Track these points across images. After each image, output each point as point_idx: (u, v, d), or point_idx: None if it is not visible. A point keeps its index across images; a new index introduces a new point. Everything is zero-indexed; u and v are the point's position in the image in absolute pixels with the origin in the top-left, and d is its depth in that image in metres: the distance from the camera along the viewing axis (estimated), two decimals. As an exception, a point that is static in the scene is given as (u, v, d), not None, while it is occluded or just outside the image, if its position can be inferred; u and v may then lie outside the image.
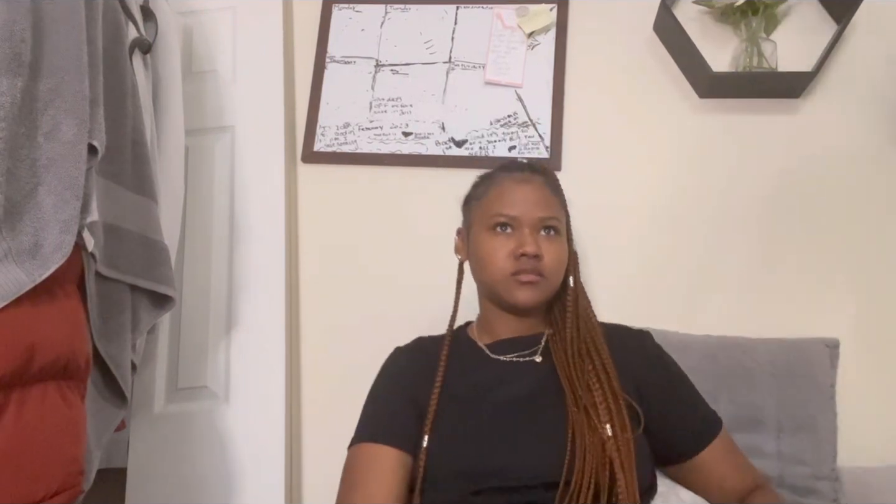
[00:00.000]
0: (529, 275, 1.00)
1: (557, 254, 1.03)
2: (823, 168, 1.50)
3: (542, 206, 1.03)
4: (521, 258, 1.00)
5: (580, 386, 0.94)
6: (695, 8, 1.60)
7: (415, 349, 1.12)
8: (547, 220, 1.03)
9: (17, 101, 0.82)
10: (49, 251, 0.84)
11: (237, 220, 1.52)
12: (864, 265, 1.45)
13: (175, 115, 1.37)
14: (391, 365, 1.11)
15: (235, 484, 1.36)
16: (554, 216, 1.04)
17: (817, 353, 1.31)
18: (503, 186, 1.07)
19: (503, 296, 1.03)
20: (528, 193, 1.04)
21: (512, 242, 1.02)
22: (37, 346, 0.81)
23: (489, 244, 1.04)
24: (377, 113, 1.65)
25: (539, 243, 1.01)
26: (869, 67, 1.53)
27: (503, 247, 1.02)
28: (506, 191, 1.06)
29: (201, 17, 1.63)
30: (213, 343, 1.45)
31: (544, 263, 1.01)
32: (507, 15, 1.67)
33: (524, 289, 1.01)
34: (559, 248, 1.04)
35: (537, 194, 1.05)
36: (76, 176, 0.88)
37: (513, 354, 1.03)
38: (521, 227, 1.02)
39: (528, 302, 1.01)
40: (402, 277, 1.56)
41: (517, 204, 1.03)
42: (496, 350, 1.05)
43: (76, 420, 0.89)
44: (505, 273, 1.01)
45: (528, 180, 1.07)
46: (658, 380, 1.02)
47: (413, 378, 1.04)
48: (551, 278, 1.02)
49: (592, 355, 0.98)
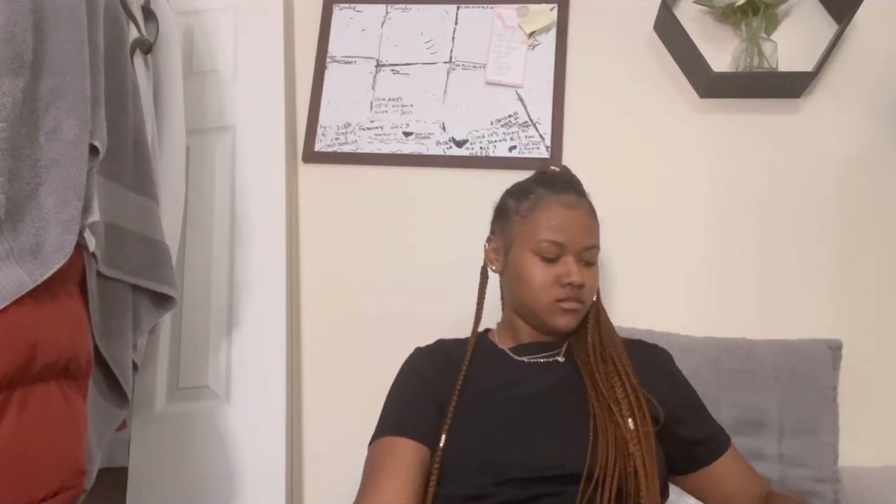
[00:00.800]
0: (572, 302, 1.03)
1: (594, 281, 1.07)
2: (824, 168, 1.50)
3: (587, 235, 1.06)
4: (567, 287, 1.02)
5: (602, 382, 0.96)
6: (695, 8, 1.60)
7: (436, 349, 1.13)
8: (590, 249, 1.06)
9: (19, 101, 0.82)
10: (50, 251, 0.84)
11: (238, 219, 1.52)
12: (866, 266, 1.45)
13: (176, 114, 1.37)
14: (413, 362, 1.12)
15: (236, 483, 1.36)
16: (596, 245, 1.07)
17: (820, 354, 1.31)
18: (552, 211, 1.06)
19: (544, 319, 1.05)
20: (576, 220, 1.05)
21: (557, 269, 1.03)
22: (38, 345, 0.81)
23: (534, 269, 1.04)
24: (378, 113, 1.65)
25: (582, 272, 1.03)
26: (869, 67, 1.53)
27: (549, 273, 1.03)
28: (556, 214, 1.05)
29: (202, 17, 1.63)
30: (214, 343, 1.45)
31: (585, 291, 1.04)
32: (507, 15, 1.67)
33: (566, 316, 1.03)
34: (595, 275, 1.07)
35: (584, 221, 1.06)
36: (77, 176, 0.88)
37: (535, 356, 1.06)
38: (566, 255, 1.04)
39: (568, 328, 1.04)
40: (403, 278, 1.56)
41: (566, 231, 1.04)
42: (518, 352, 1.07)
43: (77, 420, 0.89)
44: (549, 299, 1.03)
45: (575, 206, 1.07)
46: (674, 394, 1.03)
47: (435, 376, 1.05)
48: (587, 303, 1.06)
49: (614, 358, 1.00)
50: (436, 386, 1.03)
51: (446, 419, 0.97)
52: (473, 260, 1.30)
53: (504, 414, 0.97)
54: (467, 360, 1.05)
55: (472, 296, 1.17)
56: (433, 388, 1.03)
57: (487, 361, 1.07)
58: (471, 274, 1.44)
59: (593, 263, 1.07)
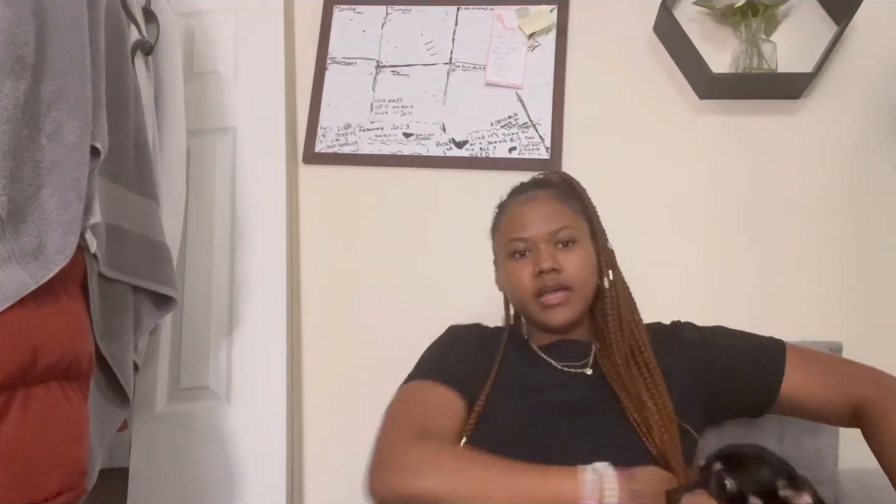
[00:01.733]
0: (555, 293, 1.00)
1: (578, 261, 1.02)
2: (824, 169, 1.50)
3: (550, 220, 1.03)
4: (541, 275, 1.00)
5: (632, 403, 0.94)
6: (695, 9, 1.61)
7: (475, 327, 1.12)
8: (558, 232, 1.02)
9: (21, 103, 0.83)
10: (52, 253, 0.84)
11: (238, 220, 1.52)
12: (867, 267, 1.45)
13: (177, 116, 1.37)
14: (456, 331, 1.10)
15: (237, 484, 1.36)
16: (565, 226, 1.03)
17: (820, 357, 1.31)
18: (511, 211, 1.08)
19: (537, 320, 1.04)
20: (534, 211, 1.05)
21: (530, 264, 1.02)
22: (40, 346, 0.82)
23: (511, 271, 1.04)
24: (378, 114, 1.66)
25: (556, 257, 1.00)
26: (869, 68, 1.53)
27: (523, 270, 1.02)
28: (514, 215, 1.07)
29: (203, 19, 1.63)
30: (215, 343, 1.45)
31: (566, 274, 1.00)
32: (507, 16, 1.67)
33: (554, 311, 1.01)
34: (580, 255, 1.02)
35: (543, 209, 1.05)
36: (79, 177, 0.88)
37: (564, 363, 1.02)
38: (535, 247, 1.02)
39: (563, 322, 1.01)
40: (403, 278, 1.56)
41: (526, 225, 1.04)
42: (547, 352, 1.05)
43: (79, 420, 0.89)
44: (530, 295, 1.02)
45: (532, 198, 1.07)
46: (706, 356, 1.02)
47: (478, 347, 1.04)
48: (578, 288, 1.01)
49: (641, 367, 0.97)
50: (474, 359, 1.01)
51: (479, 402, 0.95)
52: (474, 261, 1.30)
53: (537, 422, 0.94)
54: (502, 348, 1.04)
55: (471, 296, 1.18)
56: (474, 359, 1.02)
57: (520, 355, 1.05)
58: (471, 274, 1.44)
59: (573, 243, 1.02)
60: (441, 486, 0.80)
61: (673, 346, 1.04)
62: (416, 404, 0.95)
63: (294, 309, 1.55)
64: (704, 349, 1.04)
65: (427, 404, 0.94)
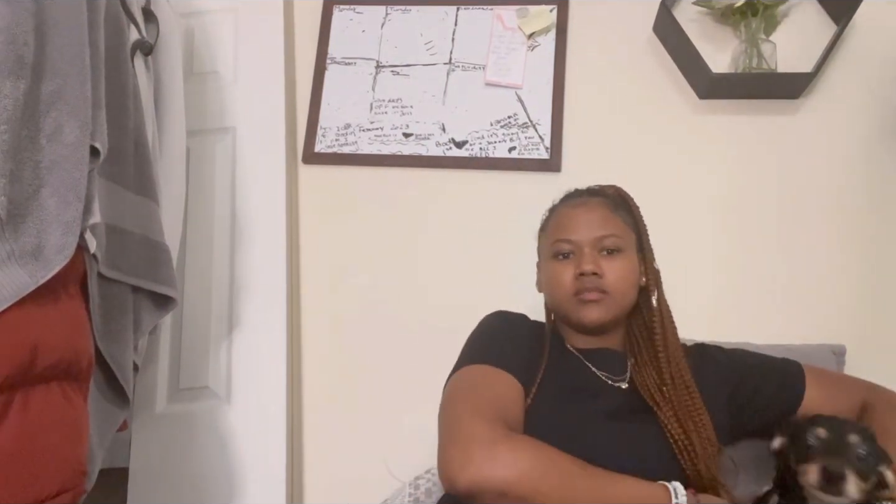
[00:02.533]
0: (591, 293, 1.01)
1: (621, 271, 1.03)
2: (823, 169, 1.50)
3: (598, 226, 1.04)
4: (581, 277, 1.01)
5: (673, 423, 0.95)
6: (694, 9, 1.61)
7: (525, 318, 1.11)
8: (605, 238, 1.04)
9: (20, 103, 0.83)
10: (52, 253, 0.84)
11: (238, 221, 1.52)
12: (868, 269, 1.44)
13: (176, 116, 1.37)
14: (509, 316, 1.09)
15: (237, 484, 1.36)
16: (612, 234, 1.04)
17: (823, 359, 1.30)
18: (560, 214, 1.10)
19: (571, 317, 1.04)
20: (584, 215, 1.06)
21: (573, 265, 1.03)
22: (40, 346, 0.82)
23: (553, 271, 1.06)
24: (378, 114, 1.66)
25: (598, 262, 1.02)
26: (868, 68, 1.53)
27: (565, 271, 1.03)
28: (563, 217, 1.09)
29: (203, 19, 1.63)
30: (215, 343, 1.45)
31: (606, 281, 1.01)
32: (507, 16, 1.68)
33: (588, 307, 1.01)
34: (623, 265, 1.04)
35: (593, 215, 1.06)
36: (79, 178, 0.88)
37: (603, 371, 1.03)
38: (580, 250, 1.03)
39: (595, 320, 1.02)
40: (403, 278, 1.56)
41: (574, 228, 1.05)
42: (586, 357, 1.05)
43: (79, 420, 0.89)
44: (569, 295, 1.03)
45: (583, 203, 1.09)
46: (734, 378, 1.05)
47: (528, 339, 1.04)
48: (616, 295, 1.02)
49: (680, 389, 0.98)
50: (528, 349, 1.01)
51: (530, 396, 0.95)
52: (474, 260, 1.31)
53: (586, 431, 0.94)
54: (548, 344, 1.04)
55: (472, 296, 1.18)
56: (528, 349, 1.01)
57: (561, 352, 1.05)
58: (471, 274, 1.44)
59: (618, 252, 1.04)
60: (534, 483, 0.79)
61: (704, 367, 1.06)
62: (488, 389, 0.92)
63: (294, 309, 1.55)
64: (731, 370, 1.06)
65: (498, 391, 0.92)
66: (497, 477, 0.78)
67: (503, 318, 1.09)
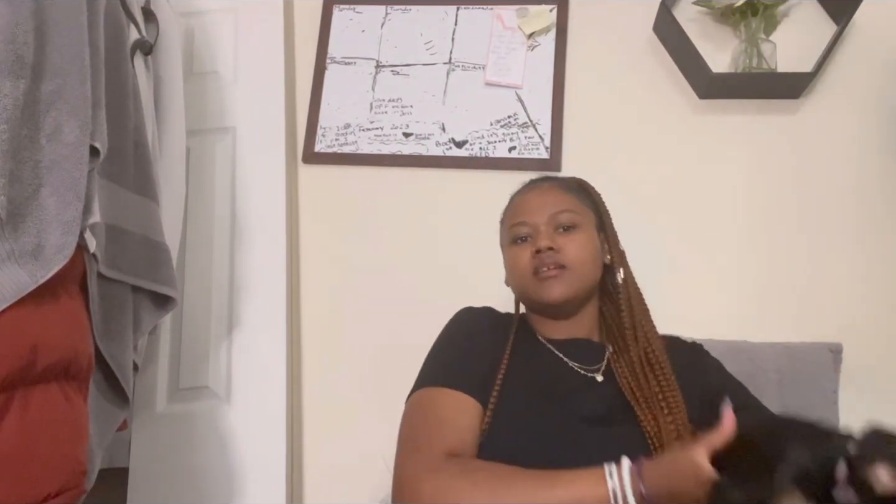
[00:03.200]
0: (548, 269, 0.99)
1: (579, 244, 1.01)
2: (823, 169, 1.50)
3: (551, 204, 1.04)
4: (538, 255, 1.00)
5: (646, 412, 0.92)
6: (694, 9, 1.61)
7: (487, 313, 1.10)
8: (560, 214, 1.03)
9: (20, 103, 0.83)
10: (51, 252, 0.84)
11: (238, 220, 1.52)
12: (866, 268, 1.45)
13: (176, 116, 1.37)
14: (467, 318, 1.08)
15: (237, 483, 1.36)
16: (566, 209, 1.03)
17: (821, 357, 1.31)
18: (514, 201, 1.11)
19: (533, 298, 1.02)
20: (537, 197, 1.07)
21: (531, 247, 1.02)
22: (39, 346, 0.82)
23: (512, 256, 1.05)
24: (378, 114, 1.66)
25: (555, 238, 1.01)
26: (868, 67, 1.53)
27: (524, 253, 1.03)
28: (517, 203, 1.09)
29: (202, 19, 1.63)
30: (215, 343, 1.45)
31: (564, 255, 0.99)
32: (507, 16, 1.67)
33: (548, 284, 0.99)
34: (580, 239, 1.02)
35: (546, 196, 1.06)
36: (78, 177, 0.88)
37: (576, 362, 1.00)
38: (537, 230, 1.03)
39: (557, 296, 0.99)
40: (403, 277, 1.56)
41: (528, 210, 1.05)
42: (558, 348, 1.03)
43: (79, 420, 0.89)
44: (528, 275, 1.01)
45: (536, 187, 1.10)
46: (717, 382, 1.01)
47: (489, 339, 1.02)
48: (575, 269, 1.00)
49: (655, 370, 0.95)
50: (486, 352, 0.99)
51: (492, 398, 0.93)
52: (474, 260, 1.31)
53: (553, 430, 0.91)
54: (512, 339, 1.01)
55: (472, 296, 1.17)
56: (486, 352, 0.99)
57: (530, 345, 1.03)
58: (471, 274, 1.44)
59: (574, 228, 1.02)
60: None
61: (692, 362, 1.03)
62: (433, 418, 0.91)
63: (294, 309, 1.55)
64: (716, 374, 1.04)
65: (444, 417, 0.91)
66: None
67: (465, 320, 1.07)
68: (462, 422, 0.90)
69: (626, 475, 0.79)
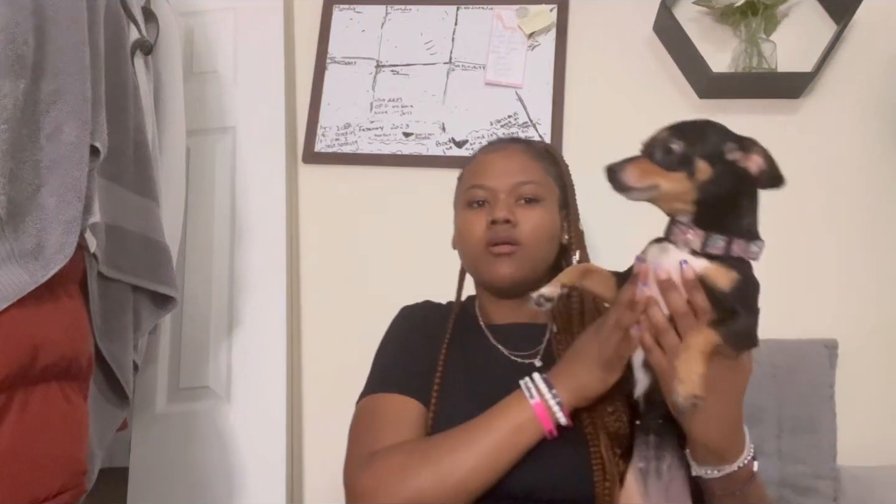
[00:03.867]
0: (502, 245, 0.93)
1: (537, 221, 0.95)
2: (823, 168, 1.50)
3: (517, 172, 0.97)
4: (493, 226, 0.94)
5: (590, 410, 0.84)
6: (694, 8, 1.61)
7: (425, 308, 1.07)
8: (523, 185, 0.96)
9: (20, 102, 0.83)
10: (51, 252, 0.84)
11: (238, 220, 1.52)
12: (863, 266, 1.45)
13: (176, 115, 1.37)
14: (405, 319, 1.06)
15: (237, 483, 1.36)
16: (531, 181, 0.96)
17: (816, 354, 1.32)
18: (477, 160, 1.04)
19: (483, 274, 0.97)
20: (502, 161, 0.99)
21: (486, 214, 0.96)
22: (39, 346, 0.82)
23: (465, 220, 0.99)
24: (378, 113, 1.66)
25: (514, 210, 0.94)
26: (869, 67, 1.53)
27: (478, 220, 0.96)
28: (479, 164, 1.02)
29: (202, 18, 1.63)
30: (215, 343, 1.45)
31: (520, 230, 0.93)
32: (507, 16, 1.67)
33: (500, 262, 0.93)
34: (540, 215, 0.96)
35: (512, 162, 0.99)
36: (78, 177, 0.88)
37: (513, 351, 0.95)
38: (495, 197, 0.96)
39: (507, 277, 0.94)
40: (403, 277, 1.56)
41: (490, 174, 0.98)
42: (497, 335, 0.98)
43: (79, 420, 0.89)
44: (480, 247, 0.95)
45: (503, 149, 1.01)
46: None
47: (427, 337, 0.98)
48: (530, 247, 0.94)
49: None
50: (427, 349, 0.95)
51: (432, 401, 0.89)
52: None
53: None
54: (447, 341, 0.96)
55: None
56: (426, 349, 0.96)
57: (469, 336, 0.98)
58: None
59: (536, 202, 0.96)
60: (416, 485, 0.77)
61: None
62: (375, 424, 0.88)
63: (294, 309, 1.55)
64: None
65: (385, 421, 0.88)
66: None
67: (400, 320, 1.05)
68: (403, 423, 0.87)
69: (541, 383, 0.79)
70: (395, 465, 0.79)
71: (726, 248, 0.73)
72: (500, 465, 0.78)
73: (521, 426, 0.79)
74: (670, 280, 0.73)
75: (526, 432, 0.79)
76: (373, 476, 0.79)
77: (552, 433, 0.79)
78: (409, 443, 0.83)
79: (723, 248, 0.74)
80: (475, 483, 0.78)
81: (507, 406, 0.81)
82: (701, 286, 0.72)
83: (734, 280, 0.71)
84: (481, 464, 0.78)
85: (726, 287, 0.71)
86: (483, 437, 0.79)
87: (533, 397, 0.80)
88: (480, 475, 0.78)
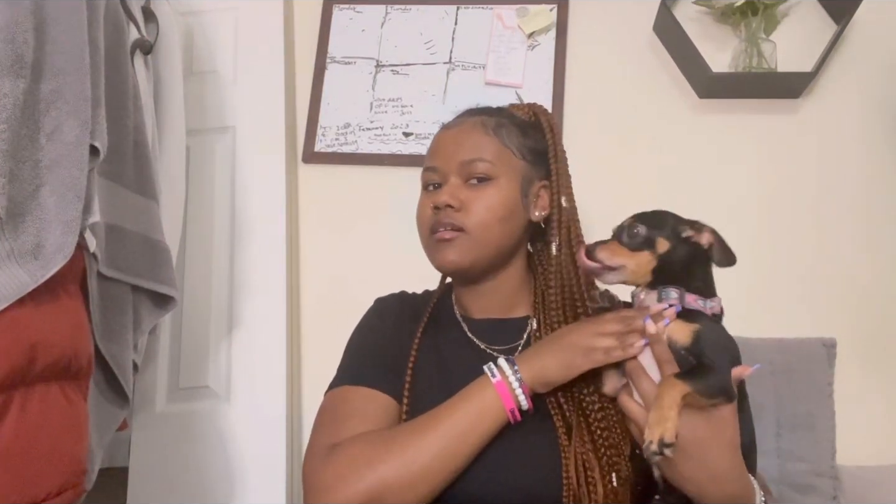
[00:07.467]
0: (443, 231, 0.87)
1: (486, 202, 0.87)
2: (823, 168, 1.50)
3: (464, 150, 0.89)
4: (436, 211, 0.88)
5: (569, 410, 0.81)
6: (695, 8, 1.61)
7: (399, 299, 1.04)
8: (471, 163, 0.88)
9: (20, 102, 0.83)
10: (51, 252, 0.84)
11: (238, 220, 1.52)
12: (862, 265, 1.45)
13: (176, 115, 1.37)
14: (377, 313, 1.02)
15: (237, 483, 1.36)
16: (480, 158, 0.88)
17: (815, 352, 1.32)
18: (433, 140, 0.96)
19: (431, 261, 0.92)
20: (452, 139, 0.92)
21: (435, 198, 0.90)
22: (39, 346, 0.82)
23: (419, 204, 0.94)
24: (378, 113, 1.66)
25: (459, 193, 0.88)
26: (869, 67, 1.53)
27: (427, 204, 0.91)
28: (433, 143, 0.95)
29: (202, 18, 1.63)
30: (215, 343, 1.45)
31: (465, 214, 0.87)
32: (507, 15, 1.67)
33: (442, 248, 0.88)
34: (490, 196, 0.87)
35: (463, 137, 0.91)
36: (78, 177, 0.88)
37: (490, 344, 0.90)
38: (446, 179, 0.90)
39: (450, 264, 0.88)
40: (403, 277, 1.55)
41: (440, 154, 0.92)
42: (474, 330, 0.93)
43: (79, 420, 0.89)
44: (426, 232, 0.91)
45: (456, 126, 0.94)
46: None
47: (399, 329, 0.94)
48: (475, 233, 0.87)
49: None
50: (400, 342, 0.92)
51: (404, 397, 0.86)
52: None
53: None
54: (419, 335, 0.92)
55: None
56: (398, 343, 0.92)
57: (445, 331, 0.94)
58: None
59: (488, 181, 0.88)
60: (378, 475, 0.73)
61: None
62: (339, 415, 0.85)
63: (294, 308, 1.55)
64: None
65: (350, 412, 0.84)
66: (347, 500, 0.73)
67: (372, 312, 1.01)
68: (368, 415, 0.83)
69: (504, 364, 0.79)
70: (357, 455, 0.75)
71: (680, 299, 0.79)
72: (465, 449, 0.76)
73: (484, 409, 0.77)
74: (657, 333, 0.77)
75: (489, 414, 0.77)
76: (333, 469, 0.75)
77: (514, 413, 0.77)
78: (372, 432, 0.79)
79: (676, 299, 0.79)
80: (440, 469, 0.75)
81: (470, 389, 0.79)
82: (663, 339, 0.77)
83: (694, 332, 0.76)
84: (445, 448, 0.75)
85: (686, 341, 0.76)
86: (446, 420, 0.76)
87: (495, 376, 0.78)
88: (445, 461, 0.75)
